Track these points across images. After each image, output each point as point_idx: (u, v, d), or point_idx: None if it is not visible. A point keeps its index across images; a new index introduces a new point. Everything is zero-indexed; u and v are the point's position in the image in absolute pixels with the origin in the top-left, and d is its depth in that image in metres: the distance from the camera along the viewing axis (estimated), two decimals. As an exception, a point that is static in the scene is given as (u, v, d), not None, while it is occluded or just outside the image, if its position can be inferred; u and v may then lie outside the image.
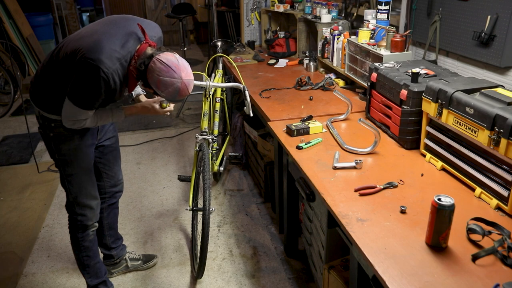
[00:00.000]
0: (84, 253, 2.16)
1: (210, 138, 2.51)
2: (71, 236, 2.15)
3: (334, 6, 3.31)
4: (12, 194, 3.39)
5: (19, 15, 6.15)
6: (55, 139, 1.93)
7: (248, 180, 3.49)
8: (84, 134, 1.95)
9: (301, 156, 1.99)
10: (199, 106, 5.03)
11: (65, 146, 1.94)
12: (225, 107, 3.39)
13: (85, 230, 2.12)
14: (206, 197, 2.23)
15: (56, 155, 1.97)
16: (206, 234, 2.21)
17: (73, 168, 1.99)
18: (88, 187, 2.07)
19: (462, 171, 1.73)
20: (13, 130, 4.68)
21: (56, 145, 1.94)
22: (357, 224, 1.50)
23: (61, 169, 2.01)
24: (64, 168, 1.99)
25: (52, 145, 1.95)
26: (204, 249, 2.23)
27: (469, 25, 2.12)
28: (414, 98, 1.93)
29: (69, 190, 2.03)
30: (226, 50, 3.29)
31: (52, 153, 1.98)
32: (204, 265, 2.30)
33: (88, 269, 2.20)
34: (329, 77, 2.99)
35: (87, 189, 2.06)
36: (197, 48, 8.22)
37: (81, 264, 2.19)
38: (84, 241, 2.14)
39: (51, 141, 1.94)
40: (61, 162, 1.98)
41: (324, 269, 1.98)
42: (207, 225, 2.22)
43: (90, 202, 2.09)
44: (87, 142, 1.99)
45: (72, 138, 1.93)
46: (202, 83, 2.49)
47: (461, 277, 1.25)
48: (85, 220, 2.10)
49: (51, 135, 1.92)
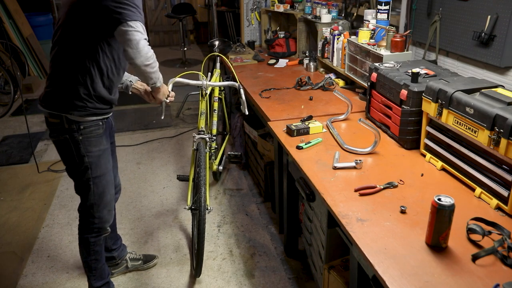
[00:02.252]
0: (93, 257, 2.14)
1: (207, 137, 2.51)
2: (81, 240, 2.11)
3: (334, 6, 3.31)
4: (12, 194, 3.39)
5: (19, 15, 6.15)
6: (85, 142, 1.90)
7: (248, 179, 3.49)
8: (105, 135, 1.97)
9: (301, 156, 1.99)
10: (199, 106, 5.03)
11: (95, 147, 1.93)
12: (223, 107, 3.39)
13: (99, 235, 2.10)
14: (201, 194, 2.24)
15: (85, 158, 1.92)
16: (202, 231, 2.22)
17: (101, 169, 1.98)
18: (111, 188, 2.07)
19: (462, 171, 1.73)
20: (13, 130, 4.68)
21: (86, 147, 1.90)
22: (357, 224, 1.50)
23: (87, 172, 1.95)
24: (92, 170, 1.95)
25: (81, 148, 1.90)
26: (200, 247, 2.23)
27: (469, 25, 2.12)
28: (414, 98, 1.93)
29: (93, 192, 1.99)
30: (224, 49, 3.29)
31: (79, 157, 1.92)
32: (202, 263, 2.30)
33: (95, 271, 2.18)
34: (329, 77, 2.99)
35: (110, 190, 2.06)
36: (197, 48, 8.22)
37: (88, 267, 2.17)
38: (96, 246, 2.12)
39: (79, 144, 1.89)
40: (90, 165, 1.94)
41: (324, 269, 1.98)
42: (202, 222, 2.22)
43: (110, 203, 2.09)
44: (108, 143, 2.02)
45: (100, 138, 1.94)
46: (197, 82, 2.50)
47: (461, 277, 1.25)
48: (101, 223, 2.08)
49: (80, 138, 1.88)
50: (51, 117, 1.88)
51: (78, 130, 1.88)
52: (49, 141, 4.32)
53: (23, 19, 6.23)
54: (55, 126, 1.89)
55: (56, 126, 1.89)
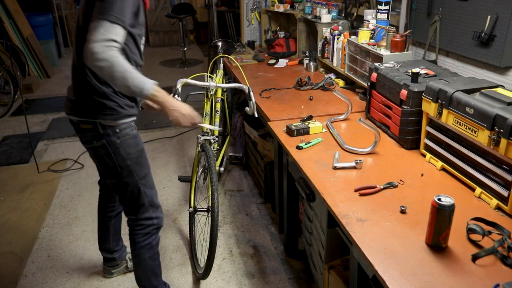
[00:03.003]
0: (157, 261, 2.08)
1: (212, 138, 2.51)
2: (144, 246, 2.00)
3: (334, 6, 3.31)
4: (12, 194, 3.39)
5: (19, 15, 6.15)
6: (124, 145, 1.83)
7: (248, 180, 3.49)
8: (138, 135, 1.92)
9: (301, 156, 1.99)
10: (199, 106, 5.02)
11: (134, 148, 1.87)
12: (225, 107, 3.39)
13: (157, 233, 2.04)
14: (215, 199, 2.19)
15: (127, 161, 1.85)
16: (215, 236, 2.17)
17: (144, 168, 1.92)
18: (155, 186, 2.02)
19: (462, 171, 1.73)
20: (13, 130, 4.68)
21: (125, 149, 1.83)
22: (357, 224, 1.50)
23: (132, 175, 1.89)
24: (137, 172, 1.89)
25: (121, 152, 1.83)
26: (212, 251, 2.20)
27: (469, 25, 2.12)
28: (414, 98, 1.93)
29: (145, 193, 1.94)
30: (227, 50, 3.29)
31: (121, 161, 1.84)
32: (211, 267, 2.27)
33: (160, 276, 2.12)
34: (329, 77, 2.99)
35: (155, 187, 2.02)
36: (197, 48, 8.22)
37: (154, 275, 2.07)
38: (158, 246, 2.05)
39: (119, 148, 1.82)
40: (134, 167, 1.88)
41: (324, 269, 1.98)
42: (215, 227, 2.18)
43: (158, 200, 2.04)
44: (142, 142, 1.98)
45: (136, 139, 1.87)
46: (205, 83, 2.49)
47: (461, 277, 1.25)
48: (160, 221, 2.03)
49: (118, 142, 1.81)
50: (83, 123, 1.80)
51: (115, 134, 1.80)
52: (49, 141, 4.33)
53: (23, 19, 6.23)
54: (89, 132, 1.80)
55: (90, 132, 1.80)
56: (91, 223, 2.99)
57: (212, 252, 2.21)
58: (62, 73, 6.72)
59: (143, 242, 2.01)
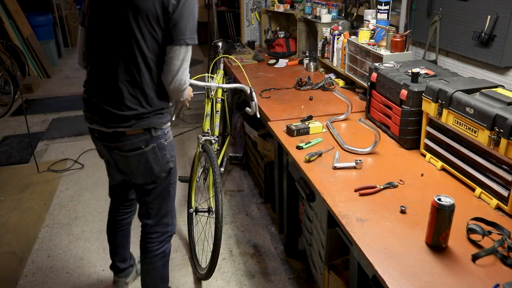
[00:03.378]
0: (167, 268, 2.02)
1: (213, 139, 2.51)
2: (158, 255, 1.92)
3: (334, 6, 3.31)
4: (12, 194, 3.39)
5: (19, 15, 6.16)
6: (168, 147, 1.77)
7: (249, 180, 3.49)
8: None
9: (301, 156, 1.99)
10: (199, 106, 5.02)
11: (174, 151, 1.83)
12: (225, 108, 3.39)
13: (170, 241, 1.99)
14: (219, 201, 2.17)
15: (170, 164, 1.80)
16: (219, 237, 2.16)
17: (176, 173, 1.88)
18: None
19: (462, 171, 1.73)
20: (13, 130, 4.68)
21: (170, 152, 1.78)
22: (357, 224, 1.50)
23: (169, 178, 1.83)
24: (172, 176, 1.84)
25: (167, 154, 1.77)
26: (216, 252, 2.19)
27: (469, 25, 2.12)
28: (414, 98, 1.93)
29: (171, 197, 1.88)
30: (227, 50, 3.28)
31: (166, 163, 1.78)
32: (215, 268, 2.26)
33: (167, 283, 2.08)
34: (329, 77, 2.99)
35: None
36: (197, 48, 8.21)
37: (163, 281, 2.02)
38: (169, 254, 2.01)
39: (165, 150, 1.76)
40: (173, 170, 1.83)
41: (324, 269, 1.98)
42: (220, 228, 2.16)
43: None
44: None
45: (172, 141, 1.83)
46: (206, 84, 2.49)
47: (461, 277, 1.25)
48: (174, 228, 1.99)
49: (165, 144, 1.75)
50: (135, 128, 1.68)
51: (163, 136, 1.75)
52: (49, 141, 4.32)
53: (23, 19, 6.24)
54: (137, 138, 1.69)
55: (139, 137, 1.69)
56: (91, 223, 2.99)
57: (216, 253, 2.20)
58: (62, 73, 6.72)
59: (157, 251, 1.93)
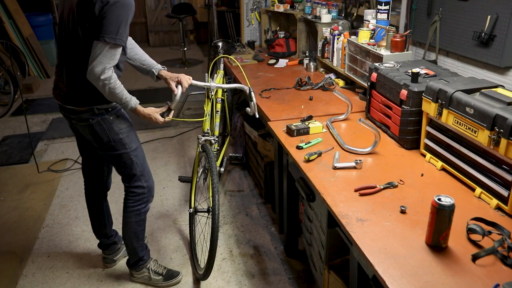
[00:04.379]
0: (142, 227, 2.30)
1: (212, 139, 2.51)
2: (132, 212, 2.23)
3: (334, 6, 3.31)
4: (12, 194, 3.39)
5: (19, 15, 6.15)
6: (115, 121, 2.06)
7: (249, 180, 3.49)
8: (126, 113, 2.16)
9: (301, 156, 1.99)
10: (199, 106, 5.03)
11: (124, 124, 2.11)
12: (225, 108, 3.39)
13: (148, 203, 2.27)
14: (216, 201, 2.19)
15: (120, 135, 2.08)
16: (216, 238, 2.18)
17: (135, 142, 2.16)
18: (146, 159, 2.25)
19: (462, 171, 1.73)
20: (13, 130, 4.68)
21: (117, 125, 2.07)
22: (357, 224, 1.50)
23: (125, 147, 2.11)
24: (129, 145, 2.12)
25: (114, 127, 2.06)
26: (213, 253, 2.19)
27: (469, 25, 2.12)
28: (414, 98, 1.94)
29: (136, 164, 2.17)
30: (227, 50, 3.28)
31: (114, 135, 2.07)
32: (212, 269, 2.27)
33: (142, 241, 2.34)
34: (329, 77, 2.99)
35: (146, 161, 2.25)
36: (197, 48, 8.22)
37: (136, 238, 2.30)
38: (145, 214, 2.28)
39: (112, 124, 2.05)
40: (126, 140, 2.11)
41: (324, 269, 1.98)
42: (216, 229, 2.18)
43: (151, 174, 2.27)
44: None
45: (125, 115, 2.12)
46: (206, 84, 2.49)
47: (461, 277, 1.25)
48: (151, 191, 2.26)
49: (111, 118, 2.05)
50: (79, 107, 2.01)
51: (108, 112, 2.04)
52: (49, 141, 4.33)
53: (23, 19, 6.23)
54: (84, 113, 2.01)
55: (85, 112, 2.01)
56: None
57: (213, 254, 2.20)
58: (62, 73, 6.71)
59: (132, 207, 2.23)
